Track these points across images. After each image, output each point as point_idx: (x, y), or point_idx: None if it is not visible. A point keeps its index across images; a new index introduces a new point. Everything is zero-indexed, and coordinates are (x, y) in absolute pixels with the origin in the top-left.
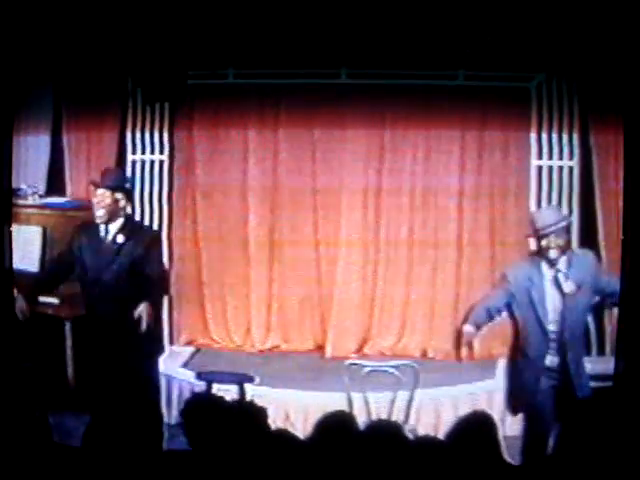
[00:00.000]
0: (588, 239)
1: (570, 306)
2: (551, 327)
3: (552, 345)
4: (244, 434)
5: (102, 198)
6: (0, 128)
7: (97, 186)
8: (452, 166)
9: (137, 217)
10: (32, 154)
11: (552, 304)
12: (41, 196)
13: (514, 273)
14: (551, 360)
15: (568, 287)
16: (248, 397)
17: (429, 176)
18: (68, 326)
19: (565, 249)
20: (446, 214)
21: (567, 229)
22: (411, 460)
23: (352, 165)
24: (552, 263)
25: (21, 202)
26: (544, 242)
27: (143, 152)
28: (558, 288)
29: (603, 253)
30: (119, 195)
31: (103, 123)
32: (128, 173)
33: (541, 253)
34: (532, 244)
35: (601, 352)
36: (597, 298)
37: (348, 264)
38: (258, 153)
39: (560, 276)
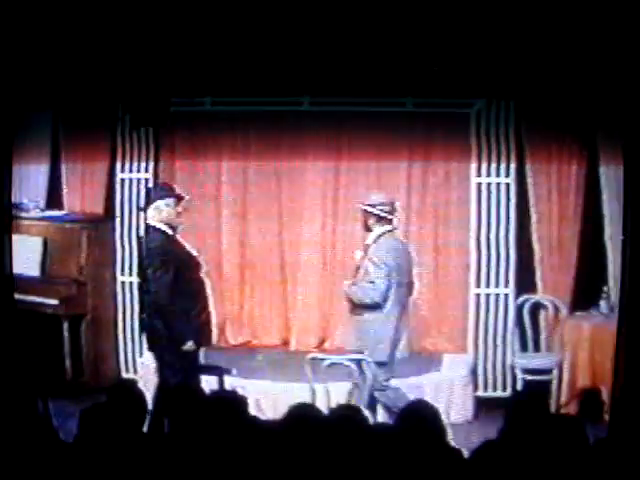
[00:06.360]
0: (522, 243)
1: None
2: None
3: None
4: (222, 420)
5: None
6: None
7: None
8: (401, 183)
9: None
10: (33, 172)
11: None
12: (41, 210)
13: None
14: None
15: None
16: (226, 387)
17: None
18: (66, 324)
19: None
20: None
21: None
22: (367, 443)
23: (312, 179)
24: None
25: (24, 215)
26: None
27: (130, 171)
28: None
29: (537, 258)
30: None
31: (96, 145)
32: (117, 190)
33: None
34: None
35: (536, 349)
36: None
37: (308, 272)
38: (230, 169)
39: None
